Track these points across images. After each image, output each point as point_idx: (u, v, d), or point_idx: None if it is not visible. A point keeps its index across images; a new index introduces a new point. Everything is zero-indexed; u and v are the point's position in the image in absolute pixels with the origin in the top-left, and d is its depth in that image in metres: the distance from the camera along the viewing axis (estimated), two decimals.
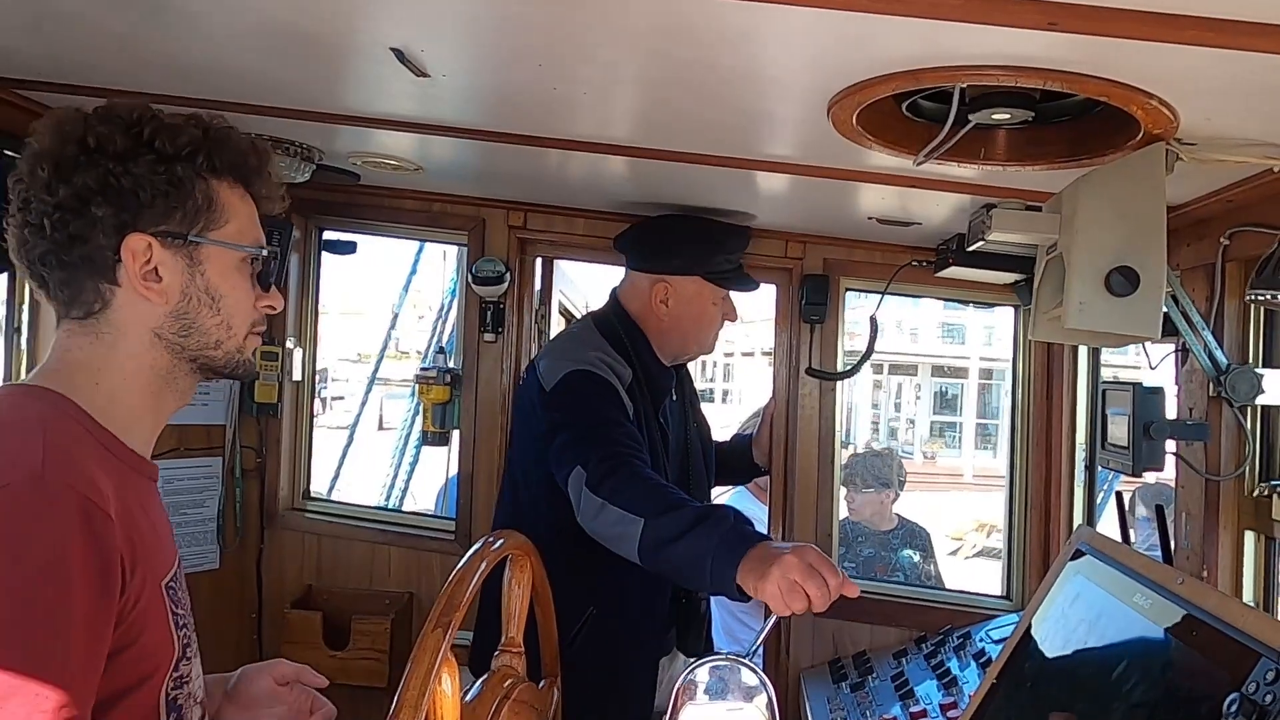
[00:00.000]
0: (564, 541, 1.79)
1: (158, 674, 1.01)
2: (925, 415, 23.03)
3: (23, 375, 2.11)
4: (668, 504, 1.71)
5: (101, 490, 0.95)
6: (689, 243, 2.19)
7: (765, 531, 2.85)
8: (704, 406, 2.54)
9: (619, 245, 2.28)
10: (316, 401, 3.16)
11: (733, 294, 2.28)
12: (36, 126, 1.04)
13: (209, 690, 1.20)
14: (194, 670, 1.09)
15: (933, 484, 15.11)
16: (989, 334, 24.07)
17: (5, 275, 2.15)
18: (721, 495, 3.57)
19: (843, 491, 3.67)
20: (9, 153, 2.10)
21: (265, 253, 1.12)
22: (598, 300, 2.40)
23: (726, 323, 2.29)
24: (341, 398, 15.42)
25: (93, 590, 0.91)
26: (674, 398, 2.27)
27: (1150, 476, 1.96)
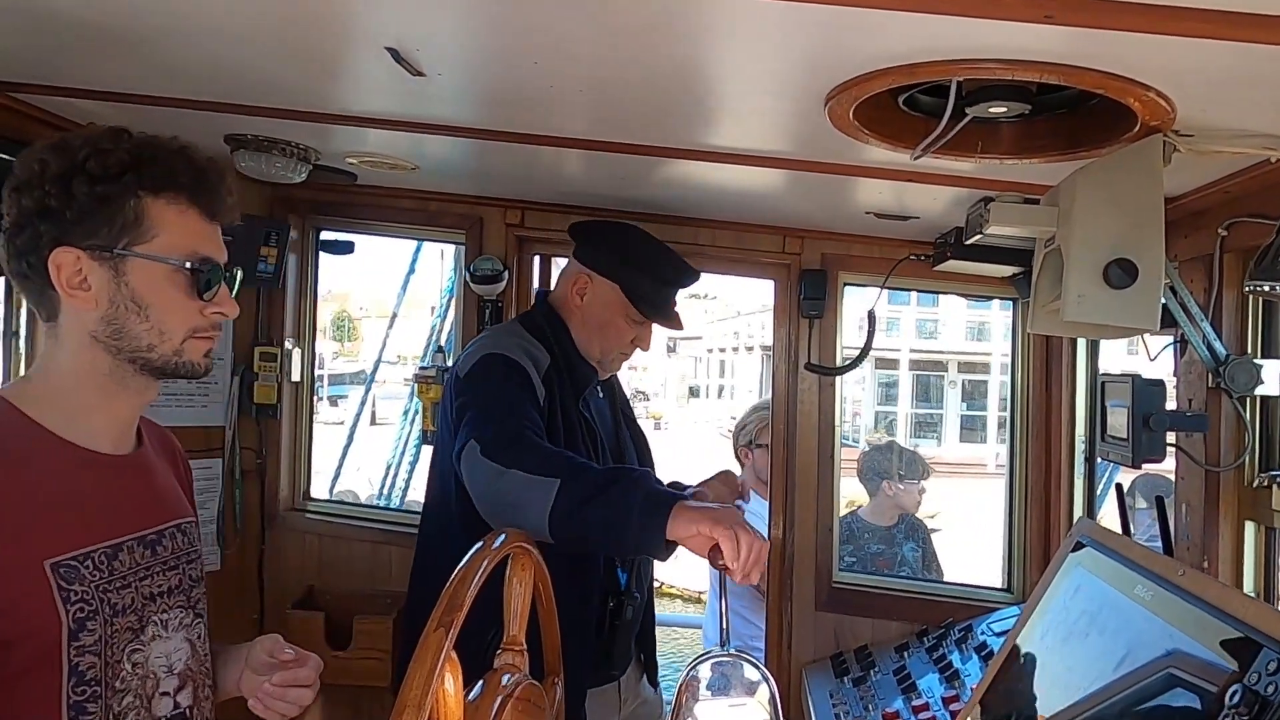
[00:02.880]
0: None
1: (35, 641, 1.11)
2: (870, 406, 23.27)
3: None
4: (575, 465, 1.64)
5: None
6: (623, 252, 2.14)
7: (766, 533, 2.86)
8: (701, 402, 2.52)
9: (571, 231, 2.24)
10: (323, 401, 3.17)
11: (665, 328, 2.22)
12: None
13: (229, 657, 1.40)
14: (107, 640, 1.17)
15: None
16: (933, 326, 24.66)
17: (1, 280, 2.19)
18: None
19: (884, 483, 3.70)
20: (4, 156, 2.11)
21: (190, 265, 1.20)
22: None
23: (639, 349, 2.21)
24: (346, 395, 15.44)
25: None
26: (600, 396, 2.23)
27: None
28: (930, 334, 25.25)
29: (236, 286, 1.28)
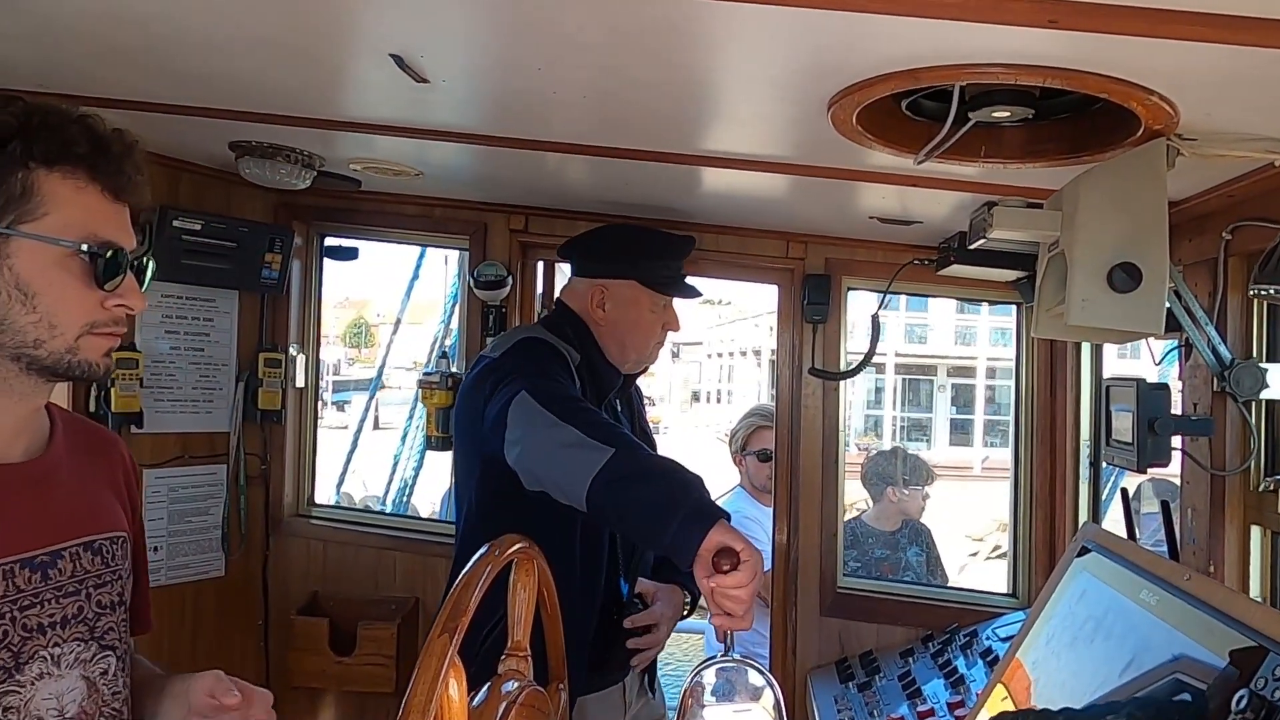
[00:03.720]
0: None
1: None
2: (860, 410, 23.46)
3: None
4: (632, 441, 1.62)
5: None
6: (625, 249, 2.16)
7: (770, 539, 2.85)
8: (703, 407, 2.52)
9: (562, 253, 2.26)
10: (329, 406, 3.17)
11: (678, 304, 2.23)
12: None
13: (170, 691, 1.19)
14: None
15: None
16: (922, 331, 25.08)
17: None
18: (722, 498, 3.57)
19: (891, 488, 3.71)
20: None
21: (86, 249, 1.04)
22: None
23: (670, 333, 2.23)
24: (350, 400, 15.53)
25: None
26: (619, 408, 2.23)
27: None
28: (920, 338, 25.60)
29: (148, 279, 1.12)
